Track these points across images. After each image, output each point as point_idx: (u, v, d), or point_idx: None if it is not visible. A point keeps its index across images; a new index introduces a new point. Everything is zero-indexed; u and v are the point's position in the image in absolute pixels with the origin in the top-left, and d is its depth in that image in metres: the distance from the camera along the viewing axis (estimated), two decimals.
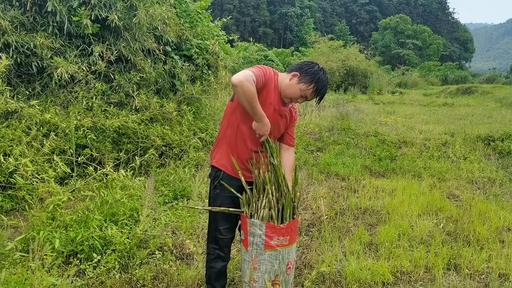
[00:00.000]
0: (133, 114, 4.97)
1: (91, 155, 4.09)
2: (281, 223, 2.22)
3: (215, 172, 2.36)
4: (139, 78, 5.36)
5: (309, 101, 2.54)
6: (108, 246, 3.03)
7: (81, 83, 4.88)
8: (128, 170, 3.77)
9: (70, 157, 4.02)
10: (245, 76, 2.06)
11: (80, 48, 5.05)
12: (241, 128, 2.29)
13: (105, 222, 3.24)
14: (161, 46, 5.86)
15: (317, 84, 2.28)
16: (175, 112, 5.38)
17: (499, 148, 7.52)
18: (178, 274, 2.86)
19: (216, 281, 2.45)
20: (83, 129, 4.26)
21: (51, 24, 4.78)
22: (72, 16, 4.86)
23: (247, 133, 2.28)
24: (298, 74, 2.28)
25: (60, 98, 4.78)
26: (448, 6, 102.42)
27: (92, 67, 4.94)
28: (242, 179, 2.29)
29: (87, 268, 2.79)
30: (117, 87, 5.22)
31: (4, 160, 3.10)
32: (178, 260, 3.13)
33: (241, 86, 2.04)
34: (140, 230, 3.17)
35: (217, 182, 2.33)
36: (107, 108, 4.85)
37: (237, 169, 2.29)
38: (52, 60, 4.61)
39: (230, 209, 2.31)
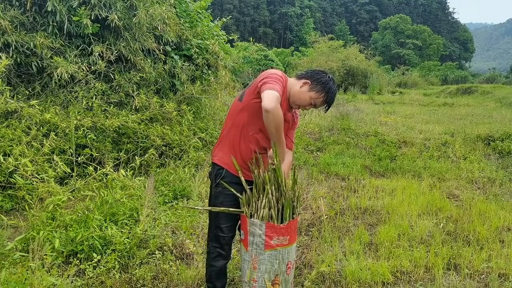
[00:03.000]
0: (133, 114, 4.97)
1: (91, 155, 4.09)
2: (281, 223, 2.22)
3: (217, 170, 2.35)
4: (139, 78, 5.36)
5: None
6: (108, 246, 3.03)
7: (81, 83, 4.88)
8: (128, 170, 3.77)
9: (70, 157, 4.02)
10: (278, 101, 2.03)
11: (80, 48, 5.05)
12: (246, 129, 2.29)
13: (105, 222, 3.24)
14: (161, 46, 5.86)
15: (328, 94, 2.33)
16: (175, 112, 5.37)
17: (499, 148, 7.52)
18: (178, 274, 2.87)
19: (217, 280, 2.45)
20: (83, 129, 4.26)
21: (51, 24, 4.78)
22: (72, 16, 4.86)
23: (252, 135, 2.28)
24: (309, 82, 2.31)
25: (60, 98, 4.78)
26: (448, 6, 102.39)
27: (92, 67, 4.94)
28: (242, 178, 2.29)
29: (87, 268, 2.79)
30: (117, 87, 5.22)
31: (4, 160, 3.10)
32: (178, 260, 3.13)
33: (272, 113, 2.02)
34: (140, 230, 3.17)
35: (219, 180, 2.32)
36: (107, 108, 4.85)
37: (237, 169, 2.29)
38: (52, 60, 4.61)
39: (230, 209, 2.31)
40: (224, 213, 2.34)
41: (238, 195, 2.30)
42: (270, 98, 2.02)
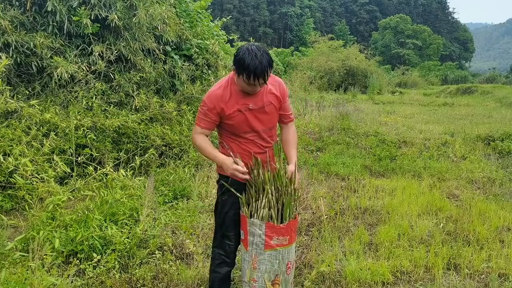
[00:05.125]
0: (133, 114, 4.97)
1: (91, 155, 4.09)
2: (281, 223, 2.22)
3: (220, 179, 2.38)
4: (139, 78, 5.36)
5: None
6: (108, 246, 3.03)
7: (81, 82, 4.88)
8: (128, 170, 3.77)
9: (70, 157, 4.02)
10: (195, 133, 2.30)
11: (80, 48, 5.05)
12: (234, 138, 2.30)
13: (105, 222, 3.24)
14: (161, 46, 5.86)
15: (247, 70, 1.95)
16: (175, 112, 5.38)
17: (499, 148, 7.52)
18: (178, 274, 2.87)
19: (220, 286, 2.45)
20: (83, 129, 4.26)
21: (51, 23, 4.79)
22: (72, 16, 4.86)
23: (242, 141, 2.29)
24: (235, 68, 2.05)
25: (60, 98, 4.78)
26: (448, 6, 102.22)
27: (92, 67, 4.94)
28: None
29: (87, 268, 2.79)
30: (117, 87, 5.22)
31: (4, 160, 3.10)
32: (178, 260, 3.13)
33: (193, 144, 2.37)
34: (140, 230, 3.17)
35: (224, 188, 2.33)
36: (107, 108, 4.85)
37: None
38: (52, 60, 4.61)
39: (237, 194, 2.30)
40: (231, 222, 2.34)
41: (238, 194, 2.30)
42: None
